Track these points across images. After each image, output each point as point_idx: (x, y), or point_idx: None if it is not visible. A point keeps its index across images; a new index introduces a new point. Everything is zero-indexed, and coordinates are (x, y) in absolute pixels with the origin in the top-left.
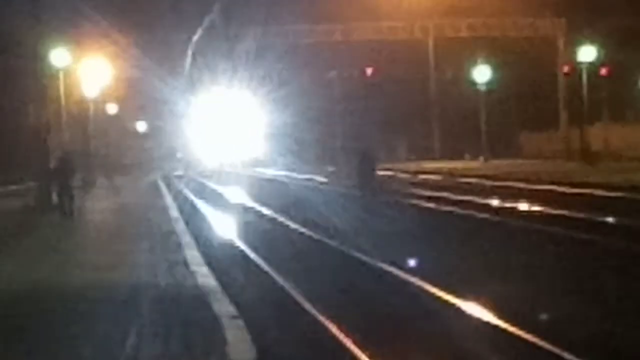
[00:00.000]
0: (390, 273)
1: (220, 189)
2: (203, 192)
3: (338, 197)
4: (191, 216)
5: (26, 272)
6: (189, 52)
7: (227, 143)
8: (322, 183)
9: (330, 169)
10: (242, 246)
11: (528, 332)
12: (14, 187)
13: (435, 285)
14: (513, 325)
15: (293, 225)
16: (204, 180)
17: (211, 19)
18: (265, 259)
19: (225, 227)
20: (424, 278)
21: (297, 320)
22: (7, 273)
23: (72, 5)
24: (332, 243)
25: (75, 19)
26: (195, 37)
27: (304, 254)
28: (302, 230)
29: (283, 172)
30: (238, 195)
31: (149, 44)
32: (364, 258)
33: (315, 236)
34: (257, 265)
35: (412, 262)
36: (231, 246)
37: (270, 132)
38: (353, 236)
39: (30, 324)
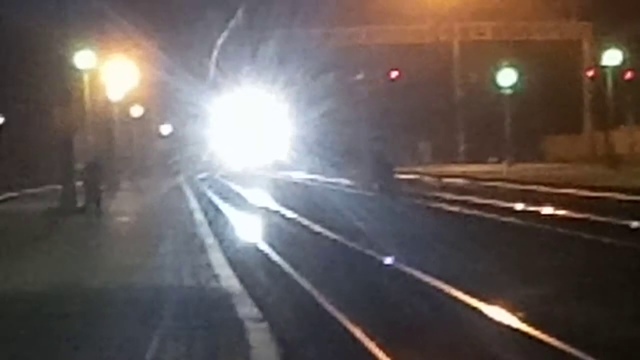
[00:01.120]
0: (418, 279)
1: (244, 191)
2: (227, 194)
3: (361, 200)
4: (215, 219)
5: (52, 273)
6: (214, 55)
7: (251, 146)
8: (347, 186)
9: (355, 171)
10: (266, 249)
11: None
12: (38, 189)
13: (455, 286)
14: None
15: (317, 228)
16: (229, 183)
17: (235, 22)
18: (288, 260)
19: (249, 230)
20: (447, 281)
21: (320, 324)
22: (33, 274)
23: (97, 8)
24: (356, 246)
25: (100, 22)
26: (219, 40)
27: (329, 257)
28: (328, 234)
29: (307, 175)
30: (262, 197)
31: (173, 47)
32: (387, 261)
33: (341, 240)
34: (281, 268)
35: (437, 265)
36: (255, 249)
37: (295, 134)
38: (374, 238)
39: (55, 325)
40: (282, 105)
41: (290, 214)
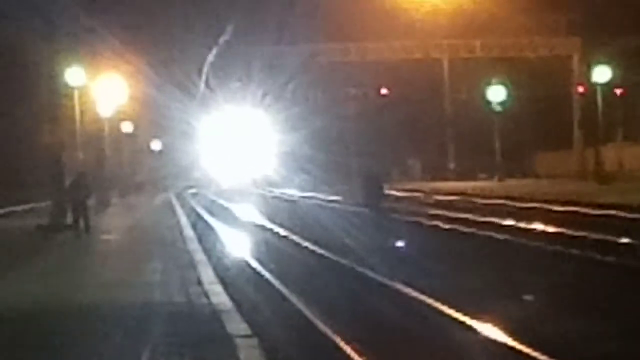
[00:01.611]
0: (413, 297)
1: (233, 207)
2: (216, 211)
3: (349, 217)
4: (205, 235)
5: (41, 290)
6: (204, 72)
7: (240, 162)
8: (336, 202)
9: (344, 188)
10: (256, 265)
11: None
12: (28, 205)
13: (440, 301)
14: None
15: (308, 245)
16: (218, 199)
17: (225, 38)
18: (277, 277)
19: (238, 246)
20: (432, 296)
21: (309, 338)
22: (21, 291)
23: (87, 25)
24: (345, 263)
25: (90, 39)
26: (209, 57)
27: (318, 274)
28: (317, 250)
29: (296, 192)
30: (250, 214)
31: (163, 64)
32: (375, 276)
33: (330, 256)
34: (270, 284)
35: (423, 282)
36: (245, 265)
37: (284, 151)
38: (363, 255)
39: (41, 342)
40: (271, 122)
41: (279, 230)
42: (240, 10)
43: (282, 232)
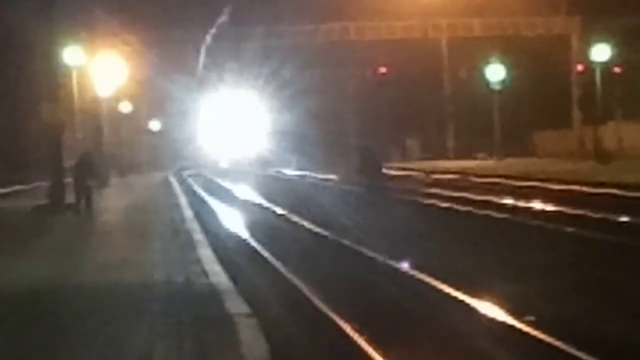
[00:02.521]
0: (413, 277)
1: (231, 187)
2: (215, 190)
3: (348, 196)
4: (204, 215)
5: (42, 271)
6: (201, 52)
7: (239, 142)
8: (334, 182)
9: (342, 167)
10: (254, 243)
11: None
12: (26, 186)
13: (436, 278)
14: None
15: (306, 224)
16: (217, 179)
17: (222, 18)
18: (276, 255)
19: (237, 225)
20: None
21: (309, 318)
22: (22, 271)
23: (85, 5)
24: (344, 242)
25: (88, 19)
26: (207, 37)
27: (318, 253)
28: (316, 229)
29: (294, 172)
30: (249, 193)
31: (162, 44)
32: (373, 255)
33: (329, 235)
34: (268, 263)
35: (416, 259)
36: (243, 243)
37: (282, 130)
38: (361, 234)
39: (43, 323)
40: (268, 102)
41: (276, 209)
42: None
43: (280, 210)
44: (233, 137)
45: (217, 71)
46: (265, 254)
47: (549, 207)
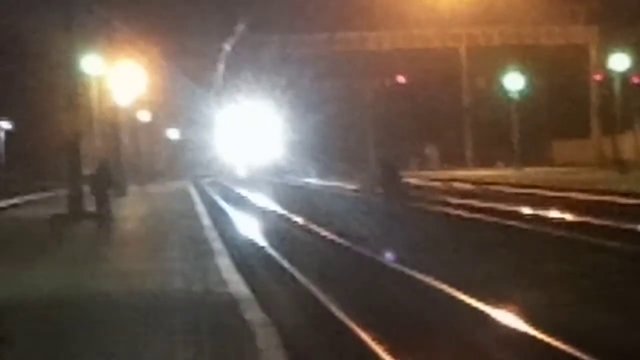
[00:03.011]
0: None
1: (250, 196)
2: (233, 199)
3: (367, 205)
4: (222, 223)
5: (61, 279)
6: (220, 61)
7: (257, 151)
8: (353, 191)
9: (361, 176)
10: (273, 252)
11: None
12: (46, 194)
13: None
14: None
15: (327, 235)
16: (235, 187)
17: (241, 28)
18: (297, 266)
19: (256, 234)
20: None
21: (327, 328)
22: (41, 281)
23: (104, 15)
24: (364, 251)
25: (107, 28)
26: (225, 46)
27: (337, 263)
28: (335, 239)
29: (313, 180)
30: (268, 202)
31: (179, 53)
32: (394, 266)
33: (348, 245)
34: (289, 274)
35: (444, 272)
36: (262, 252)
37: (301, 140)
38: (380, 243)
39: (63, 331)
40: (287, 111)
41: (297, 219)
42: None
43: (300, 220)
44: (251, 146)
45: (235, 80)
46: (285, 264)
47: (565, 216)
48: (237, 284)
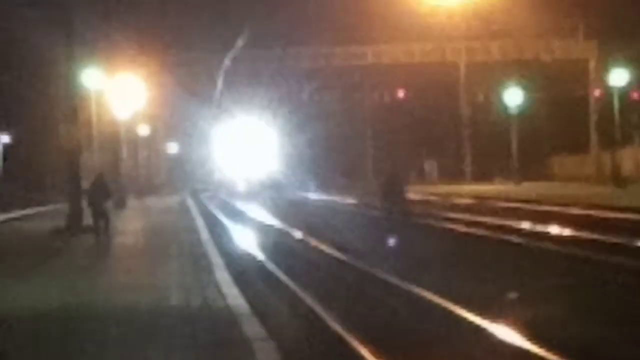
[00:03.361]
0: (432, 303)
1: (248, 210)
2: (232, 213)
3: (369, 220)
4: (221, 237)
5: (58, 294)
6: (219, 75)
7: (256, 165)
8: (353, 205)
9: (362, 191)
10: (272, 267)
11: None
12: (45, 207)
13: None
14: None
15: (323, 248)
16: (233, 202)
17: (240, 42)
18: (294, 280)
19: (255, 248)
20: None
21: (327, 342)
22: (37, 295)
23: (104, 28)
24: (361, 265)
25: (106, 42)
26: (225, 61)
27: (338, 279)
28: (334, 254)
29: (312, 194)
30: (266, 216)
31: (178, 67)
32: (395, 281)
33: (350, 262)
34: (285, 287)
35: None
36: (261, 267)
37: (299, 154)
38: (382, 259)
39: (57, 345)
40: (286, 125)
41: (296, 233)
42: (255, 13)
43: (298, 235)
44: (250, 160)
45: (234, 94)
46: (283, 277)
47: (563, 232)
48: (235, 298)
